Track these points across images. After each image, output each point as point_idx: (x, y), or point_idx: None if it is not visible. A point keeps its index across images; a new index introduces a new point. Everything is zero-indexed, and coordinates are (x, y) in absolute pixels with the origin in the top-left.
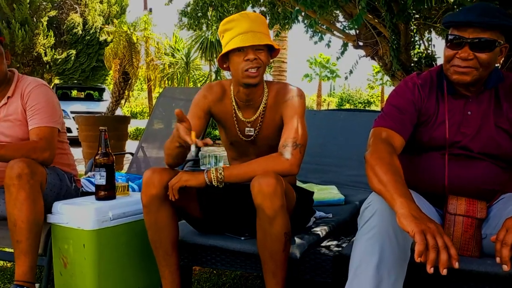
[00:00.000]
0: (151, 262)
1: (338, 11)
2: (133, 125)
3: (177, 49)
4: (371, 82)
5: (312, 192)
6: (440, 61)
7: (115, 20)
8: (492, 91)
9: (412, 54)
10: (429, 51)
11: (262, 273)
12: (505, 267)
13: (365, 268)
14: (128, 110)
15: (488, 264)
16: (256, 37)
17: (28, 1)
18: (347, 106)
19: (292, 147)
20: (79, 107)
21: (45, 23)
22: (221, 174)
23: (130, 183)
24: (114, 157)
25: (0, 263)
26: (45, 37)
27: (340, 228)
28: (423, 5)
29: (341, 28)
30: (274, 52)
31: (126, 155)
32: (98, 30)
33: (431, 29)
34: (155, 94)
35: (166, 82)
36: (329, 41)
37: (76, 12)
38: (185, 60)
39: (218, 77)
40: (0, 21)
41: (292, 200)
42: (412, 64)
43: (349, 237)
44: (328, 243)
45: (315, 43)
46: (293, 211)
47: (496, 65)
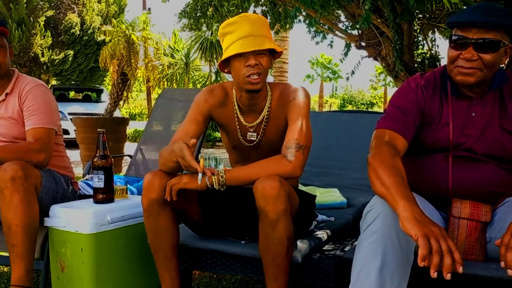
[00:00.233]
0: (151, 266)
1: (340, 11)
2: (132, 127)
3: (177, 50)
4: (374, 83)
5: (314, 196)
6: (444, 62)
7: (113, 20)
8: (497, 92)
9: (416, 55)
10: (433, 52)
11: (263, 278)
12: (510, 272)
13: (368, 272)
14: (127, 112)
15: (493, 269)
16: (257, 42)
17: (25, 1)
18: (350, 108)
19: (295, 149)
20: (77, 109)
21: (42, 23)
22: (223, 178)
23: (129, 186)
24: (113, 160)
25: None
26: (42, 37)
27: (342, 232)
28: (424, 7)
29: (343, 28)
30: (277, 54)
31: (125, 158)
32: (96, 30)
33: (435, 29)
34: (154, 95)
35: (165, 83)
36: (331, 41)
37: (74, 12)
38: (185, 61)
39: (218, 78)
40: None
41: (295, 204)
42: (416, 65)
43: (352, 241)
44: (330, 247)
45: (317, 43)
46: (295, 215)
47: (501, 66)
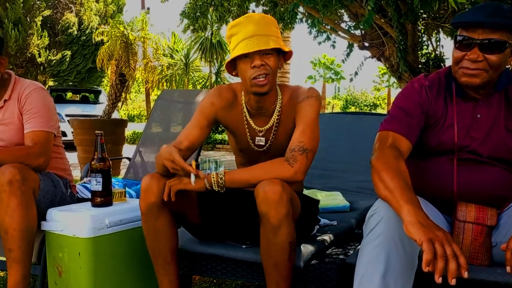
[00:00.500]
0: (149, 271)
1: (343, 10)
2: (130, 129)
3: (176, 50)
4: (377, 84)
5: (318, 201)
6: (449, 62)
7: (110, 20)
8: (502, 94)
9: (420, 55)
10: (437, 52)
11: (264, 283)
12: None
13: (371, 277)
14: (125, 113)
15: (498, 273)
16: (262, 41)
17: (22, 0)
18: (352, 109)
19: (299, 152)
20: (74, 110)
21: (39, 23)
22: (222, 179)
23: (127, 189)
24: (111, 162)
25: None
26: (39, 38)
27: (345, 236)
28: (429, 7)
29: (346, 28)
30: (287, 55)
31: (123, 160)
32: (94, 30)
33: (440, 29)
34: (153, 97)
35: (165, 84)
36: (334, 42)
37: (71, 12)
38: (184, 61)
39: (219, 79)
40: None
41: (297, 208)
42: (420, 66)
43: (355, 245)
44: (333, 252)
45: (320, 44)
46: (298, 220)
47: (507, 67)
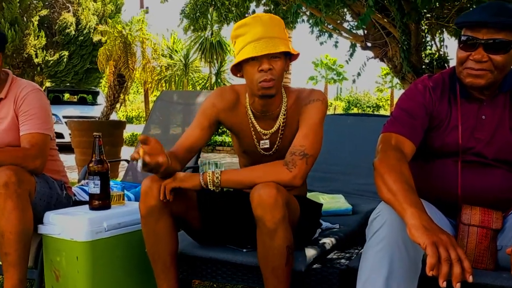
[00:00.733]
0: (148, 275)
1: (346, 10)
2: (129, 131)
3: (175, 50)
4: (380, 85)
5: (321, 205)
6: (453, 63)
7: (109, 20)
8: (507, 95)
9: (423, 56)
10: (441, 52)
11: None
12: None
13: (374, 282)
14: (124, 115)
15: (504, 278)
16: (270, 44)
17: (18, 0)
18: (355, 111)
19: (299, 157)
20: (72, 112)
21: (36, 23)
22: (218, 178)
23: (126, 192)
24: (109, 165)
25: None
26: (36, 38)
27: (348, 240)
28: (431, 5)
29: (348, 28)
30: (293, 56)
31: (122, 162)
32: (92, 30)
33: (443, 29)
34: (152, 98)
35: (164, 85)
36: (336, 42)
37: (69, 11)
38: (184, 62)
39: (219, 80)
40: None
41: (295, 211)
42: (423, 66)
43: (357, 249)
44: (335, 256)
45: (321, 44)
46: (300, 224)
47: None
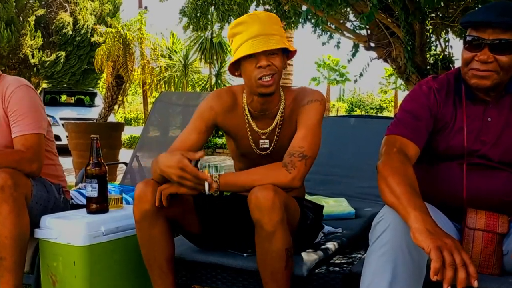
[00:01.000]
0: (146, 281)
1: (349, 9)
2: (127, 133)
3: (175, 51)
4: (384, 86)
5: (322, 206)
6: (458, 64)
7: (109, 19)
8: None
9: (428, 56)
10: (446, 53)
11: None
12: None
13: (377, 286)
14: (122, 117)
15: (510, 283)
16: (268, 41)
17: None
18: (358, 112)
19: (298, 158)
20: (69, 113)
21: (33, 23)
22: (217, 182)
23: (124, 195)
24: (107, 167)
25: None
26: (33, 38)
27: (350, 244)
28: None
29: (352, 28)
30: (291, 54)
31: (120, 165)
32: (90, 30)
33: (448, 29)
34: (151, 99)
35: (163, 86)
36: (339, 42)
37: (66, 11)
38: (183, 63)
39: (219, 81)
40: None
41: (295, 214)
42: (428, 67)
43: (360, 254)
44: (337, 260)
45: (323, 44)
46: (300, 226)
47: None
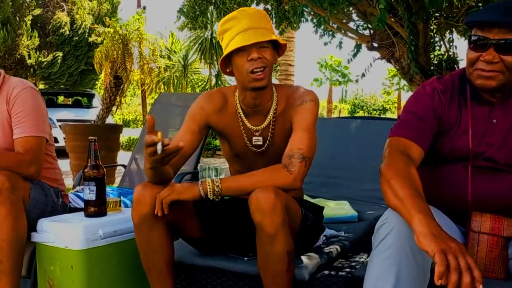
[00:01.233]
0: (145, 285)
1: (351, 8)
2: (126, 135)
3: (174, 51)
4: (387, 87)
5: (322, 207)
6: (463, 64)
7: (107, 19)
8: None
9: (432, 56)
10: (451, 53)
11: None
12: None
13: None
14: (120, 118)
15: None
16: (258, 34)
17: None
18: (361, 114)
19: (298, 160)
20: (66, 115)
21: (29, 23)
22: (218, 187)
23: (123, 198)
24: (105, 170)
25: None
26: (29, 38)
27: (353, 248)
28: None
29: (354, 28)
30: (281, 49)
31: (118, 168)
32: (87, 30)
33: (453, 29)
34: (150, 100)
35: (162, 87)
36: (341, 42)
37: (63, 11)
38: (183, 63)
39: (219, 81)
40: None
41: (296, 216)
42: (432, 67)
43: (363, 257)
44: (340, 264)
45: (325, 44)
46: (301, 228)
47: None
